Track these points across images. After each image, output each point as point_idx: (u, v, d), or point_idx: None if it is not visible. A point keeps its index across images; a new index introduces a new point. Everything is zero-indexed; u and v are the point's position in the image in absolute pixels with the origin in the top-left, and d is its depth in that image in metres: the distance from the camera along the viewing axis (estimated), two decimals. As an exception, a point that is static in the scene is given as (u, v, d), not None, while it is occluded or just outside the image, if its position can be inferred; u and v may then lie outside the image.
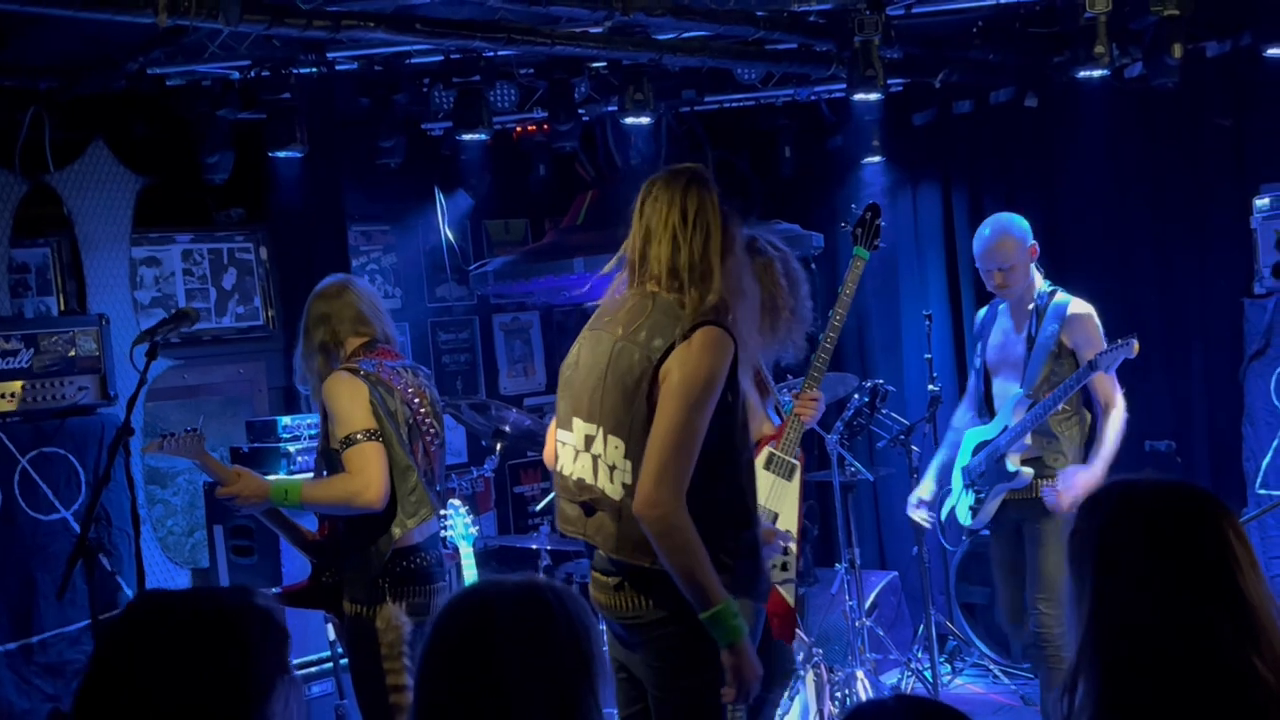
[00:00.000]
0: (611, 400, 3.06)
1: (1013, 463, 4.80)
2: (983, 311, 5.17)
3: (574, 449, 3.17)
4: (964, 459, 5.03)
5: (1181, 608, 1.74)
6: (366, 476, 3.71)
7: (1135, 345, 4.54)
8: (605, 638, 3.14)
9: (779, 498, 3.98)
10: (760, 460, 3.87)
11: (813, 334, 4.20)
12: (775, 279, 3.89)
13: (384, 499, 3.74)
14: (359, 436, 3.74)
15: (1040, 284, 4.88)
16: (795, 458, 4.02)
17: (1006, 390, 4.92)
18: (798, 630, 5.40)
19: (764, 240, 3.96)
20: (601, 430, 3.08)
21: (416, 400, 3.97)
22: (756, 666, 2.97)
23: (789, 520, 3.96)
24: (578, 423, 3.16)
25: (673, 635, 3.05)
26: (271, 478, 3.74)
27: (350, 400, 3.79)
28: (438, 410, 4.08)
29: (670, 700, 3.13)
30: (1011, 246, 4.78)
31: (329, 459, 3.86)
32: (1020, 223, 4.86)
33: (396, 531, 3.79)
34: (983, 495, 4.91)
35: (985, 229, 4.88)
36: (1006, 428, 4.83)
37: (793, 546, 3.91)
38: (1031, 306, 4.85)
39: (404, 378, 3.97)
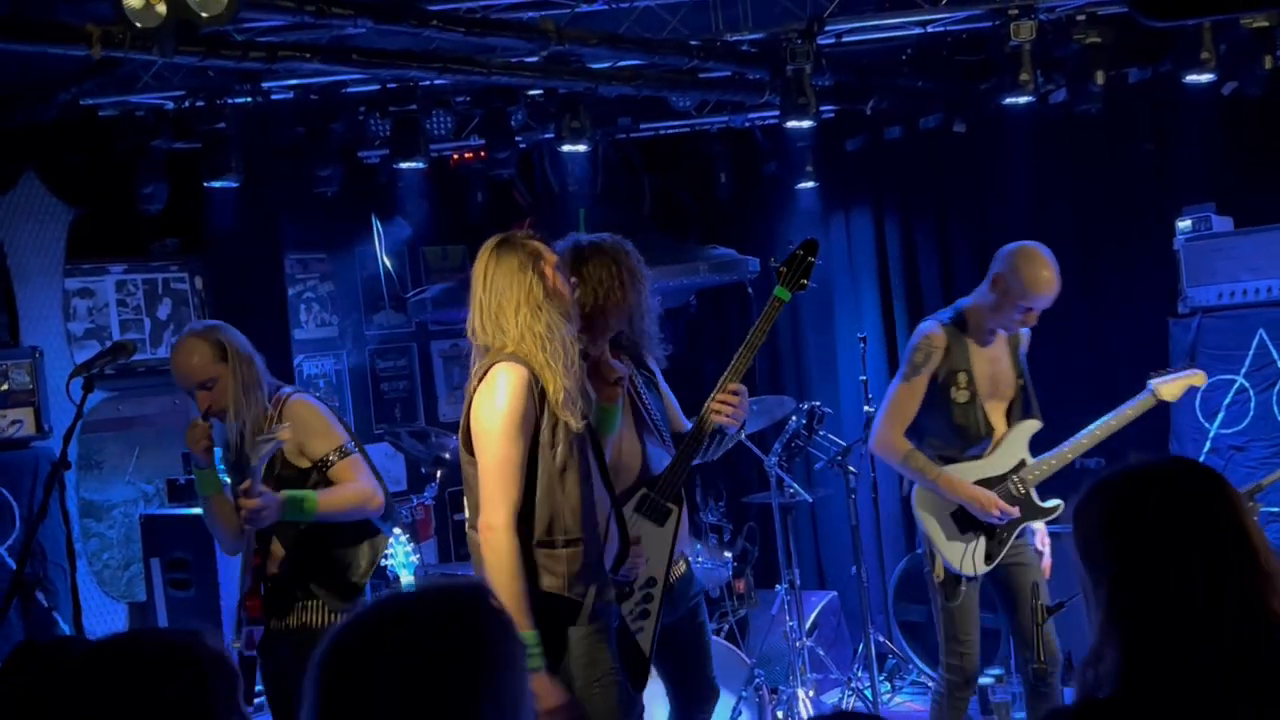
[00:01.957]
0: (463, 442, 3.40)
1: (1046, 500, 4.54)
2: (933, 331, 4.56)
3: None
4: (948, 504, 4.52)
5: (1203, 570, 1.81)
6: (370, 483, 3.88)
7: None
8: None
9: (647, 543, 3.75)
10: (631, 503, 3.78)
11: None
12: (616, 276, 3.85)
13: (384, 503, 3.92)
14: (345, 449, 3.88)
15: None
16: (673, 502, 3.78)
17: (999, 421, 4.57)
18: (739, 652, 5.46)
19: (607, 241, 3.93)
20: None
21: None
22: (550, 695, 3.22)
23: (656, 568, 3.76)
24: None
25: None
26: (284, 491, 3.75)
27: (325, 419, 3.93)
28: None
29: None
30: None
31: (290, 479, 3.85)
32: None
33: (383, 540, 3.99)
34: (1005, 535, 4.50)
35: (1046, 270, 4.41)
36: (1024, 461, 4.53)
37: (655, 594, 3.75)
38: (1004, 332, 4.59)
39: None
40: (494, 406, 3.27)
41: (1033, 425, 4.60)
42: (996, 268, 4.50)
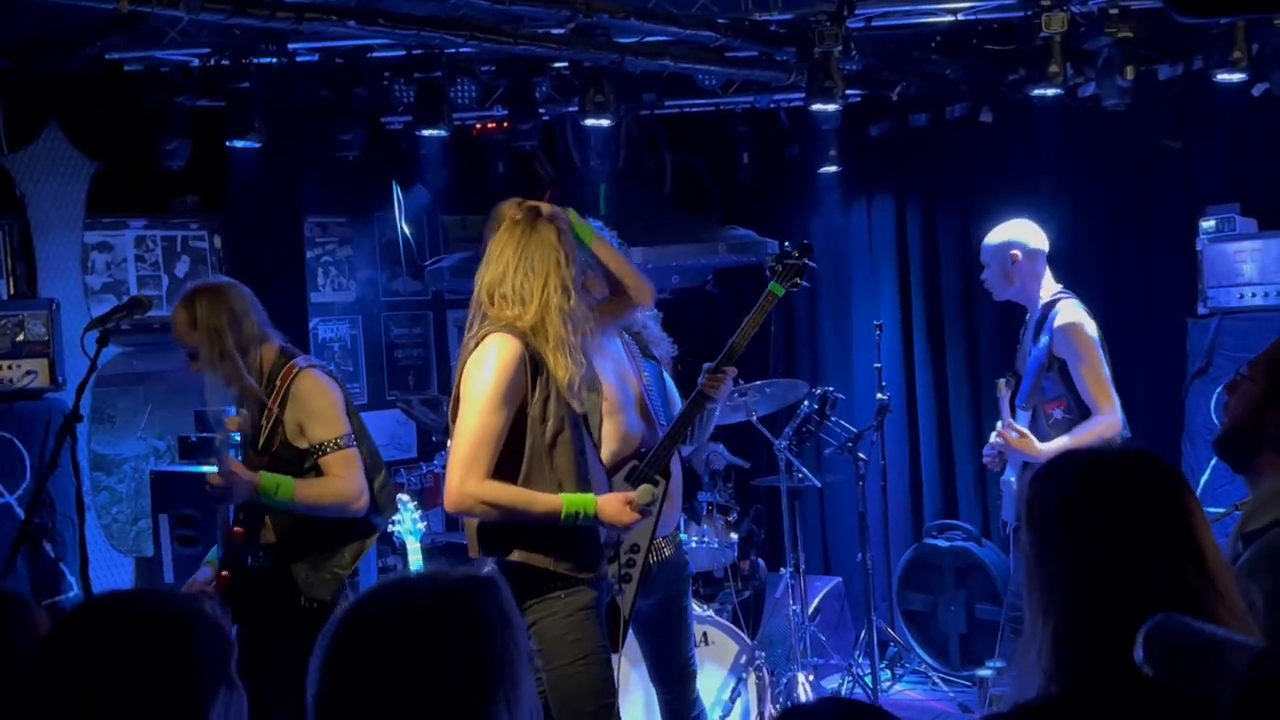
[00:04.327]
0: (452, 409, 3.41)
1: (1004, 469, 4.96)
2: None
3: None
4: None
5: (1145, 557, 1.79)
6: (357, 483, 3.79)
7: (1000, 386, 4.77)
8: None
9: None
10: (622, 473, 3.90)
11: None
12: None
13: (367, 505, 3.84)
14: (342, 441, 3.79)
15: (1046, 294, 4.89)
16: (660, 474, 3.85)
17: None
18: (741, 633, 5.46)
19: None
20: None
21: None
22: (623, 509, 3.41)
23: (640, 536, 3.87)
24: None
25: (533, 624, 3.30)
26: (261, 473, 3.71)
27: (332, 402, 3.82)
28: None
29: (549, 685, 3.38)
30: (990, 245, 4.96)
31: (287, 459, 3.79)
32: (1013, 226, 4.93)
33: (377, 528, 3.92)
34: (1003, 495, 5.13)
35: None
36: None
37: (638, 560, 3.87)
38: (1030, 317, 4.94)
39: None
40: (482, 375, 3.29)
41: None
42: None
